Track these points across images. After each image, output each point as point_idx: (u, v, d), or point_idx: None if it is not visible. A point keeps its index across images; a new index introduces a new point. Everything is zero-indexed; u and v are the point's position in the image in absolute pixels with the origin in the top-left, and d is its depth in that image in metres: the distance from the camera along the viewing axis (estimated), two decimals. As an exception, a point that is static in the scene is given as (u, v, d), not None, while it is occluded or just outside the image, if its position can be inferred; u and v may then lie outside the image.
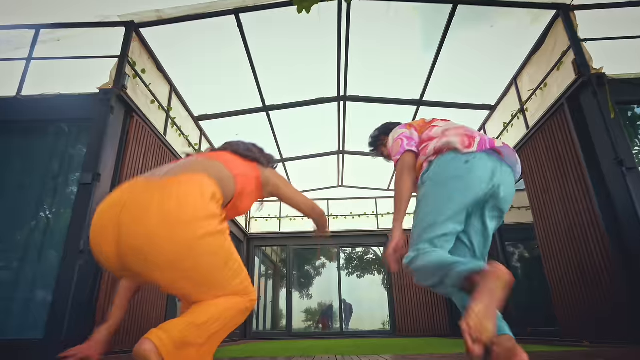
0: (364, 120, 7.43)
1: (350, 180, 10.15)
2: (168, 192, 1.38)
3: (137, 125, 4.32)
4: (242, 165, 1.79)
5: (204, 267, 1.41)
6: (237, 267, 1.55)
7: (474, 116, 6.65)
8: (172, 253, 1.33)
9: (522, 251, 6.28)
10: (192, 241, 1.35)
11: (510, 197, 1.81)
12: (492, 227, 1.83)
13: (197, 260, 1.38)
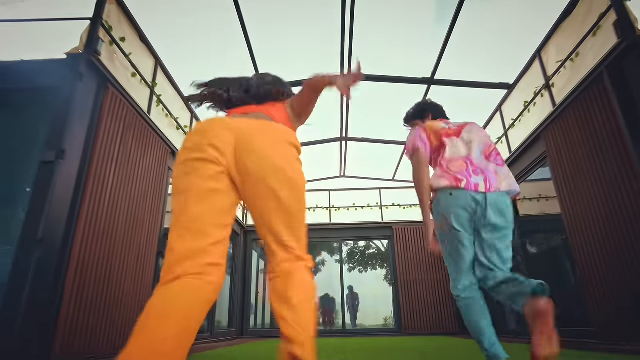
0: (370, 103, 6.89)
1: (353, 170, 9.61)
2: (270, 126, 1.50)
3: (113, 98, 3.78)
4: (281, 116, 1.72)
5: (298, 183, 1.45)
6: (304, 214, 1.51)
7: (490, 96, 6.10)
8: (280, 158, 1.41)
9: (542, 244, 5.75)
10: (292, 158, 1.47)
11: (502, 211, 2.11)
12: (489, 237, 2.14)
13: (295, 174, 1.44)
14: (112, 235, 3.64)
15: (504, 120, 6.02)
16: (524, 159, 5.47)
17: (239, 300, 8.58)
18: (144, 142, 4.37)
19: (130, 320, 3.86)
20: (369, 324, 11.04)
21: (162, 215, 4.81)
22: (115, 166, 3.76)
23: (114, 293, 3.63)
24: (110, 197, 3.65)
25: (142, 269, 4.17)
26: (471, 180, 2.12)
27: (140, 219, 4.21)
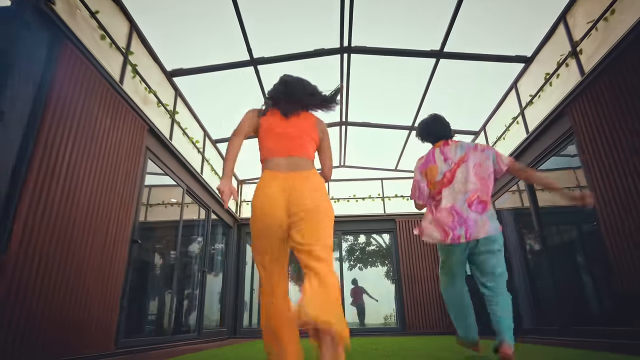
0: (372, 81, 6.33)
1: (354, 159, 9.05)
2: (308, 179, 2.04)
3: (73, 58, 3.22)
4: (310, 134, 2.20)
5: (327, 215, 1.99)
6: (332, 232, 2.01)
7: (504, 71, 5.54)
8: (314, 202, 1.96)
9: (561, 235, 5.19)
10: (322, 199, 2.01)
11: (488, 244, 2.66)
12: (481, 259, 2.72)
13: (325, 210, 1.99)
14: (69, 218, 3.08)
15: (519, 98, 5.45)
16: (543, 140, 4.91)
17: (232, 297, 8.03)
18: (114, 115, 3.82)
19: (95, 324, 3.31)
20: (369, 323, 10.46)
21: (137, 200, 4.26)
22: (75, 137, 3.21)
23: (71, 289, 3.08)
24: (68, 173, 3.10)
25: (109, 261, 3.61)
26: (455, 232, 2.64)
27: (108, 202, 3.66)
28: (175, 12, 4.76)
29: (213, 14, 4.85)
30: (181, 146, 5.53)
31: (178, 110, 5.49)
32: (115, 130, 3.81)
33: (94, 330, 3.36)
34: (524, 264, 5.77)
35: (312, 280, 1.75)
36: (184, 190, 5.68)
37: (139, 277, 4.70)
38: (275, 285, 2.01)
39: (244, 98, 6.24)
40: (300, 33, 5.34)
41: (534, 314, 5.53)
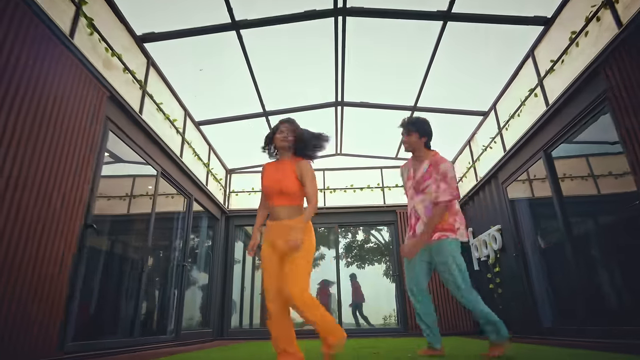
0: (372, 52, 5.68)
1: (351, 147, 8.41)
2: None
3: (10, 7, 2.59)
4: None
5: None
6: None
7: (519, 38, 4.90)
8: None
9: (589, 225, 4.53)
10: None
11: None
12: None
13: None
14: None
15: (537, 67, 4.81)
16: (567, 111, 4.27)
17: (218, 296, 7.37)
18: (60, 74, 3.16)
19: (28, 325, 2.66)
20: (371, 323, 9.78)
21: (94, 176, 3.61)
22: (13, 99, 2.57)
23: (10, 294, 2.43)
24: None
25: (51, 249, 2.96)
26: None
27: (51, 176, 3.00)
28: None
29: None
30: (155, 123, 4.88)
31: (150, 82, 4.84)
32: (62, 92, 3.16)
33: (27, 333, 2.71)
34: (542, 259, 5.13)
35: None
36: (159, 173, 5.03)
37: (102, 272, 4.05)
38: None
39: (221, 68, 5.58)
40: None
41: (554, 312, 4.89)
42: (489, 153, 6.32)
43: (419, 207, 3.07)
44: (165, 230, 5.73)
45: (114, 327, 4.21)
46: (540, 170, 5.01)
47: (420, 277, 3.07)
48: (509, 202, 5.80)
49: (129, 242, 4.77)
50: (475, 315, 2.95)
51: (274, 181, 2.68)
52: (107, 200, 4.51)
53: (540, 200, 5.22)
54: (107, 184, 4.46)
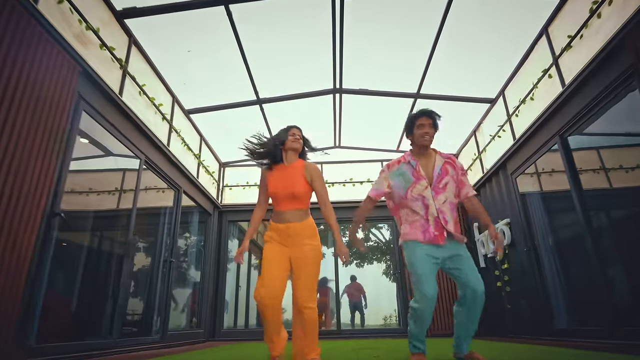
0: (373, 36, 5.32)
1: (350, 139, 8.03)
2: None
3: None
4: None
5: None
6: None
7: (530, 13, 4.53)
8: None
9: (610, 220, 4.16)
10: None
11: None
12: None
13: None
14: None
15: (552, 45, 4.44)
16: (586, 91, 3.89)
17: (211, 295, 6.99)
18: (20, 43, 2.79)
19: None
20: (367, 323, 9.38)
21: (62, 158, 3.23)
22: None
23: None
24: None
25: (7, 240, 2.58)
26: None
27: (11, 157, 2.63)
28: None
29: None
30: (138, 107, 4.51)
31: (133, 63, 4.46)
32: (26, 65, 2.79)
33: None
34: (556, 254, 4.75)
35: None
36: (142, 161, 4.65)
37: (78, 268, 3.68)
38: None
39: (209, 44, 5.21)
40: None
41: (569, 312, 4.52)
42: (496, 143, 5.95)
43: (445, 206, 2.68)
44: (153, 226, 5.36)
45: (90, 327, 3.83)
46: (550, 163, 4.64)
47: (434, 283, 2.58)
48: (519, 193, 5.42)
49: (113, 237, 4.39)
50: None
51: (284, 187, 2.71)
52: (97, 195, 4.17)
53: (552, 194, 4.85)
54: (94, 178, 4.15)
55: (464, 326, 2.60)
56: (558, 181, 4.59)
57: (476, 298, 2.49)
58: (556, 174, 4.63)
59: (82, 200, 3.88)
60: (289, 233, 2.67)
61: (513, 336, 5.50)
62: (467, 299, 2.53)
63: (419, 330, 2.62)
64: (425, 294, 2.48)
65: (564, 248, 4.67)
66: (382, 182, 2.86)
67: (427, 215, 2.66)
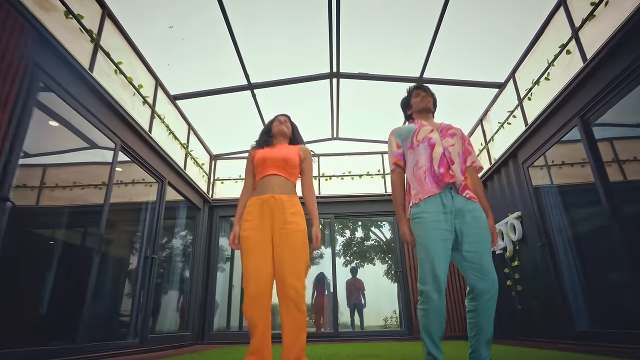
0: (372, 15, 4.88)
1: (349, 130, 7.60)
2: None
3: None
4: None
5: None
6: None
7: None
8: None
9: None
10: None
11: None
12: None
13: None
14: None
15: (571, 16, 4.01)
16: (613, 64, 3.46)
17: (200, 295, 6.55)
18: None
19: None
20: (366, 325, 8.91)
21: (14, 134, 2.80)
22: None
23: None
24: None
25: None
26: None
27: None
28: None
29: None
30: (113, 87, 4.07)
31: (107, 38, 4.03)
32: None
33: None
34: (576, 250, 4.31)
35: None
36: (117, 146, 4.21)
37: (37, 264, 3.24)
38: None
39: (205, 35, 4.77)
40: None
41: (593, 312, 4.08)
42: (505, 132, 5.52)
43: (453, 149, 2.33)
44: (133, 221, 4.93)
45: (51, 331, 3.39)
46: (564, 155, 4.21)
47: (446, 265, 2.15)
48: (532, 184, 4.98)
49: (84, 233, 3.96)
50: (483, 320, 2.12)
51: (274, 154, 2.55)
52: (82, 190, 3.77)
53: (569, 186, 4.42)
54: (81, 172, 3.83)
55: (479, 325, 2.14)
56: (576, 172, 4.16)
57: (491, 286, 2.08)
58: (571, 165, 4.20)
59: (60, 195, 3.45)
60: (272, 205, 2.39)
61: (525, 339, 5.05)
62: (478, 288, 2.10)
63: (433, 330, 2.12)
64: (436, 275, 2.09)
65: (583, 242, 4.23)
66: (392, 145, 2.51)
67: (432, 155, 2.29)
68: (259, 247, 2.32)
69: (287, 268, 2.26)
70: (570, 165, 4.34)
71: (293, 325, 2.22)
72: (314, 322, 8.00)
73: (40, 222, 3.41)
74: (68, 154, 3.74)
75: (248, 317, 2.21)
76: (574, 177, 4.32)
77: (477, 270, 2.10)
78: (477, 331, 2.12)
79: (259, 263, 2.27)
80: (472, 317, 2.15)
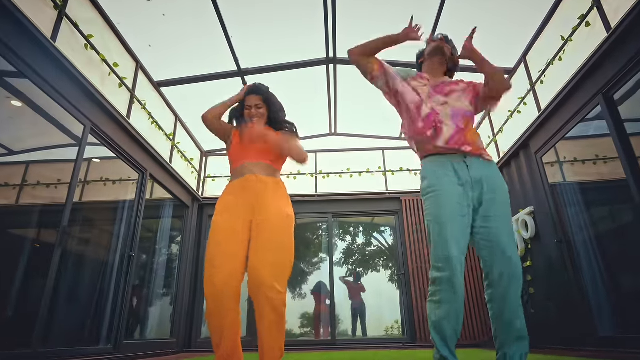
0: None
1: (348, 125, 7.19)
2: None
3: None
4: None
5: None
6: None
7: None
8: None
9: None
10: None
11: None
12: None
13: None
14: None
15: (592, -15, 3.61)
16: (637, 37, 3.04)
17: (187, 300, 6.09)
18: None
19: None
20: (371, 334, 8.40)
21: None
22: None
23: None
24: None
25: None
26: None
27: None
28: None
29: None
30: (80, 60, 3.67)
31: (73, 7, 3.64)
32: None
33: None
34: (597, 248, 3.85)
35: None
36: (87, 128, 3.79)
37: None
38: None
39: (190, 15, 4.40)
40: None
41: (618, 316, 3.61)
42: (514, 121, 5.10)
43: (443, 109, 1.96)
44: (110, 219, 4.52)
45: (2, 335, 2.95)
46: (573, 150, 3.79)
47: (463, 239, 1.74)
48: (546, 175, 4.54)
49: (47, 230, 3.53)
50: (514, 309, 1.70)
51: (251, 133, 2.08)
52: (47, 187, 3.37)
53: (587, 184, 3.99)
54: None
55: (501, 317, 1.71)
56: (593, 170, 3.75)
57: (511, 271, 1.67)
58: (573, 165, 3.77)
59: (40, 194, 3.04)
60: (250, 186, 2.04)
61: (539, 348, 4.57)
62: (494, 273, 1.70)
63: (445, 328, 1.66)
64: (449, 255, 1.68)
65: (609, 240, 3.77)
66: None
67: (420, 113, 1.98)
68: (231, 229, 1.95)
69: (263, 253, 1.87)
70: (582, 162, 3.94)
71: (272, 328, 1.82)
72: (311, 330, 7.57)
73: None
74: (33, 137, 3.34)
75: (214, 324, 1.81)
76: (592, 174, 3.92)
77: (493, 249, 1.68)
78: (499, 325, 1.69)
79: (230, 249, 1.91)
80: (492, 308, 1.72)
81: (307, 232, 9.07)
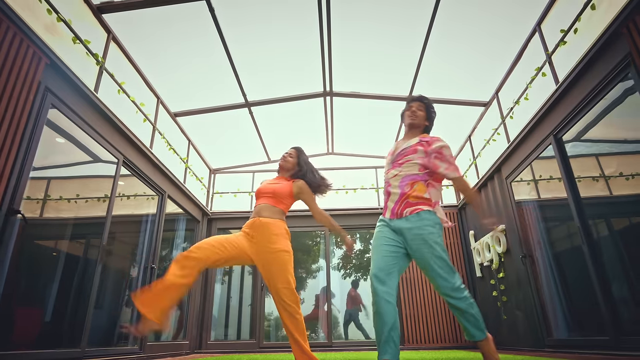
0: (361, 39, 5.18)
1: (343, 146, 7.87)
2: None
3: None
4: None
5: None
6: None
7: (519, 10, 4.39)
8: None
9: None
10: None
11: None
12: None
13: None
14: None
15: (545, 42, 4.28)
16: (581, 86, 3.71)
17: (198, 305, 6.75)
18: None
19: None
20: (359, 337, 8.97)
21: (26, 152, 3.05)
22: None
23: None
24: None
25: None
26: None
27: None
28: None
29: None
30: (115, 106, 4.34)
31: (112, 60, 4.32)
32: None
33: None
34: (554, 262, 4.52)
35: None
36: (120, 161, 4.47)
37: (47, 276, 3.48)
38: None
39: (190, 36, 5.07)
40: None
41: (570, 321, 4.27)
42: (491, 148, 5.77)
43: (394, 180, 2.53)
44: (134, 233, 5.16)
45: (57, 337, 3.61)
46: (548, 170, 4.45)
47: (386, 263, 2.37)
48: (514, 199, 5.21)
49: (87, 245, 4.19)
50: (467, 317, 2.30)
51: (267, 184, 2.86)
52: (85, 202, 4.02)
53: (549, 201, 4.64)
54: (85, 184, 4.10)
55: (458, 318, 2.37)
56: (556, 188, 4.40)
57: (446, 296, 2.31)
58: (553, 181, 4.43)
59: (64, 207, 3.70)
60: (255, 227, 2.66)
61: (509, 349, 5.24)
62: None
63: (385, 335, 2.27)
64: (371, 274, 2.36)
65: (561, 255, 4.44)
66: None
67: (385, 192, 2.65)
68: (226, 239, 2.59)
69: (278, 281, 2.56)
70: (547, 180, 4.57)
71: (296, 326, 2.56)
72: (310, 333, 8.15)
73: (45, 234, 3.64)
74: (73, 167, 4.00)
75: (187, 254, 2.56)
76: (554, 191, 4.53)
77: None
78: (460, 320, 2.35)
79: (216, 242, 2.55)
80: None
81: (306, 239, 9.61)
